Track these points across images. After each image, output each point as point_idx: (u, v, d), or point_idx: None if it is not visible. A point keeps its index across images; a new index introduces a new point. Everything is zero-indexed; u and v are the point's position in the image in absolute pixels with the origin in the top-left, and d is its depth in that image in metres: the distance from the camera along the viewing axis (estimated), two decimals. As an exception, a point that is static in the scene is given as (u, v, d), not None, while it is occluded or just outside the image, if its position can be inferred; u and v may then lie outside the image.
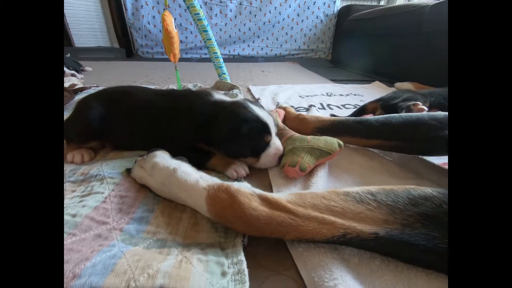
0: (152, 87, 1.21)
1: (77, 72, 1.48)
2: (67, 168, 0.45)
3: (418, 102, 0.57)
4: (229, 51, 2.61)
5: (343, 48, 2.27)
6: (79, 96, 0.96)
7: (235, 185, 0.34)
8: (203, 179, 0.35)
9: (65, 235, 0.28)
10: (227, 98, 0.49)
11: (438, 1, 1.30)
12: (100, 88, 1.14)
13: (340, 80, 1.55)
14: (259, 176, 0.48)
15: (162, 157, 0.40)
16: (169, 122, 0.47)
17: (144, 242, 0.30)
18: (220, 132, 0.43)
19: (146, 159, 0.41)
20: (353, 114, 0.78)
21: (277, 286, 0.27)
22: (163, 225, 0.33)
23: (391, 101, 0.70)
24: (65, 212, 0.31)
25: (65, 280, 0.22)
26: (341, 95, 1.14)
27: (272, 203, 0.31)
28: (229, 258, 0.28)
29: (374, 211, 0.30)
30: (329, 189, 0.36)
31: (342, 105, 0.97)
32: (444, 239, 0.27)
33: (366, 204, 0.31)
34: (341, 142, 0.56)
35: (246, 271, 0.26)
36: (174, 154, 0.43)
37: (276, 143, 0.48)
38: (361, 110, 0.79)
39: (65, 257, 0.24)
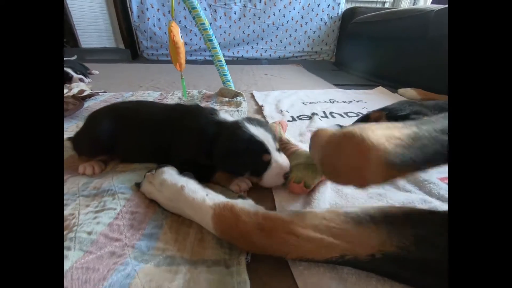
0: (158, 93, 1.23)
1: (85, 76, 1.51)
2: (80, 182, 0.47)
3: None
4: (233, 53, 2.62)
5: (347, 51, 2.27)
6: (87, 104, 0.99)
7: (239, 204, 0.36)
8: (209, 198, 0.37)
9: (82, 253, 0.30)
10: (229, 118, 0.50)
11: (444, 6, 1.30)
12: (108, 94, 1.17)
13: (343, 84, 1.55)
14: (262, 190, 0.49)
15: (170, 174, 0.42)
16: (176, 138, 0.49)
17: (154, 259, 0.32)
18: (219, 152, 0.45)
19: (155, 175, 0.43)
20: (356, 123, 0.79)
21: (279, 304, 0.29)
22: (171, 241, 0.35)
23: (398, 112, 0.70)
24: (81, 229, 0.34)
25: (85, 299, 0.24)
26: (344, 101, 1.15)
27: (275, 222, 0.33)
28: (234, 277, 0.30)
29: (371, 234, 0.32)
30: (330, 208, 0.37)
31: (344, 113, 0.98)
32: (438, 262, 0.29)
33: (364, 226, 0.33)
34: None
35: (250, 292, 0.27)
36: (181, 168, 0.45)
37: (279, 161, 0.46)
38: (365, 119, 0.79)
39: (85, 276, 0.27)
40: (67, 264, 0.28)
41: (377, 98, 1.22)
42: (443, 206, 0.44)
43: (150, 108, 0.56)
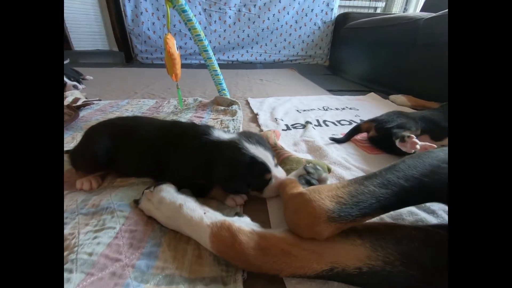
0: (153, 100, 1.24)
1: (78, 82, 1.50)
2: (79, 199, 0.48)
3: (412, 135, 0.61)
4: (228, 57, 2.64)
5: (340, 55, 2.31)
6: (82, 113, 0.99)
7: (236, 223, 0.37)
8: (207, 216, 0.39)
9: (84, 275, 0.31)
10: (225, 136, 0.50)
11: (433, 15, 1.34)
12: (103, 102, 1.17)
13: (336, 90, 1.59)
14: (257, 204, 0.51)
15: (168, 192, 0.43)
16: (172, 158, 0.50)
17: (154, 279, 0.33)
18: (219, 175, 0.46)
19: (153, 193, 0.44)
20: (348, 134, 0.82)
21: (273, 320, 0.31)
22: (170, 259, 0.37)
23: (385, 124, 0.73)
24: (82, 250, 0.35)
25: (90, 323, 0.25)
26: (337, 109, 1.18)
27: (269, 241, 0.35)
28: (231, 295, 0.31)
29: (358, 247, 0.34)
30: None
31: (337, 121, 1.01)
32: (422, 278, 0.31)
33: (351, 240, 0.35)
34: (330, 167, 0.60)
35: (246, 310, 0.29)
36: (177, 185, 0.46)
37: (277, 176, 0.48)
38: (356, 130, 0.82)
39: (87, 300, 0.28)
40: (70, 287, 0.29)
41: (369, 105, 1.25)
42: (430, 218, 0.47)
43: (146, 125, 0.57)
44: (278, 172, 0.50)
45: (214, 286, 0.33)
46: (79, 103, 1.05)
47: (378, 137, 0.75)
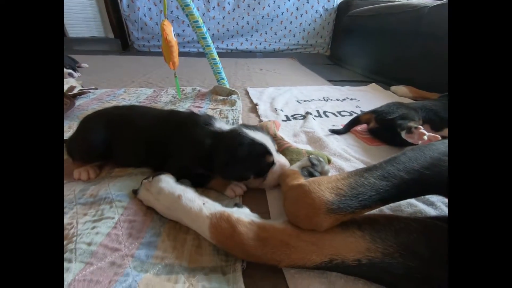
0: (151, 89, 1.21)
1: (74, 70, 1.46)
2: (76, 189, 0.48)
3: (419, 126, 0.60)
4: (227, 45, 2.57)
5: (342, 44, 2.26)
6: (79, 102, 0.97)
7: (235, 214, 0.37)
8: (206, 207, 0.38)
9: (83, 265, 0.31)
10: (226, 127, 0.51)
11: (437, 3, 1.30)
12: (99, 91, 1.14)
13: (337, 80, 1.56)
14: (256, 195, 0.51)
15: (167, 182, 0.43)
16: (171, 148, 0.50)
17: (154, 268, 0.33)
18: (220, 161, 0.45)
19: (152, 183, 0.44)
20: (347, 125, 0.81)
21: (272, 308, 0.31)
22: (169, 249, 0.37)
23: (386, 115, 0.72)
24: (80, 240, 0.35)
25: (90, 312, 0.25)
26: (337, 99, 1.16)
27: (269, 232, 0.34)
28: (230, 284, 0.32)
29: (358, 239, 0.34)
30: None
31: (338, 112, 1.00)
32: (421, 269, 0.31)
33: (351, 232, 0.35)
34: (330, 158, 0.60)
35: (245, 299, 0.29)
36: (176, 175, 0.46)
37: (280, 161, 0.49)
38: (355, 121, 0.82)
39: (87, 289, 0.28)
40: (69, 277, 0.29)
41: (370, 96, 1.24)
42: (428, 209, 0.47)
43: (144, 115, 0.55)
44: (281, 158, 0.50)
45: (213, 276, 0.33)
46: (75, 91, 1.03)
47: (379, 128, 0.74)
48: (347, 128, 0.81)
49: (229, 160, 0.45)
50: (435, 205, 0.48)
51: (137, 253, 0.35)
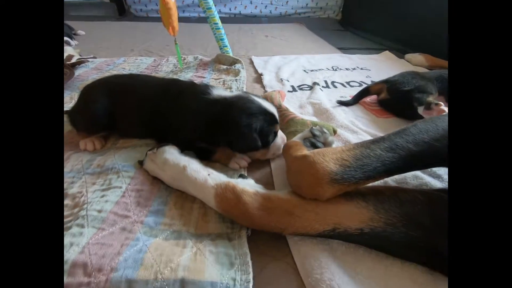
0: (151, 59, 1.16)
1: (70, 38, 1.40)
2: (83, 159, 0.48)
3: (440, 103, 0.56)
4: (230, 9, 2.38)
5: (355, 7, 2.07)
6: (78, 72, 0.94)
7: (240, 184, 0.37)
8: (211, 178, 0.39)
9: (96, 230, 0.33)
10: (227, 94, 0.48)
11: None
12: (98, 60, 1.10)
13: (348, 48, 1.46)
14: (261, 167, 0.51)
15: (172, 153, 0.43)
16: (173, 120, 0.48)
17: (162, 234, 0.35)
18: (232, 133, 0.44)
19: (157, 154, 0.44)
20: (356, 96, 0.78)
21: (276, 271, 0.33)
22: (177, 217, 0.38)
23: (400, 86, 0.68)
24: (91, 207, 0.36)
25: (105, 272, 0.27)
26: (347, 69, 1.10)
27: (273, 203, 0.35)
28: (236, 249, 0.33)
29: (361, 209, 0.34)
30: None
31: (346, 83, 0.95)
32: (423, 238, 0.32)
33: (355, 202, 0.35)
34: (336, 128, 0.59)
35: (250, 263, 0.31)
36: (181, 147, 0.45)
37: (280, 132, 0.49)
38: (364, 92, 0.78)
39: (101, 251, 0.29)
40: (83, 240, 0.31)
41: (383, 65, 1.16)
42: (434, 182, 0.46)
43: (145, 84, 0.53)
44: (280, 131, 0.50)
45: (219, 241, 0.34)
46: (73, 60, 0.99)
47: (390, 99, 0.71)
48: (356, 99, 0.77)
49: (244, 133, 0.43)
50: (442, 178, 0.47)
51: (146, 220, 0.36)
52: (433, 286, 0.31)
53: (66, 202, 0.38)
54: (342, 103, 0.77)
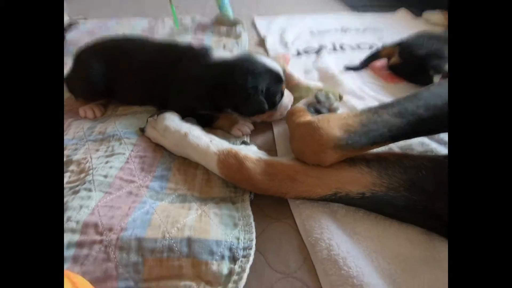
0: (145, 20, 1.08)
1: (57, -3, 1.29)
2: (84, 126, 0.48)
3: None
4: (229, -39, 2.13)
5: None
6: (70, 36, 0.89)
7: (243, 150, 0.37)
8: (213, 144, 0.38)
9: (103, 194, 0.34)
10: (228, 55, 0.46)
11: None
12: (90, 23, 1.03)
13: (360, 6, 1.33)
14: (263, 134, 0.50)
15: (172, 120, 0.42)
16: (171, 86, 0.46)
17: (168, 198, 0.36)
18: (237, 97, 0.42)
19: (157, 121, 0.43)
20: (365, 60, 0.73)
21: (277, 231, 0.35)
22: (181, 182, 0.39)
23: (414, 49, 0.62)
24: (97, 173, 0.36)
25: (115, 231, 0.29)
26: (357, 29, 1.01)
27: (275, 168, 0.35)
28: (239, 211, 0.34)
29: (364, 175, 0.35)
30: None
31: (356, 45, 0.88)
32: (421, 202, 0.32)
33: (358, 168, 0.35)
34: (342, 94, 0.56)
35: (253, 224, 0.32)
36: (180, 114, 0.44)
37: (286, 91, 0.48)
38: (374, 55, 0.72)
39: (110, 213, 0.31)
40: (92, 203, 0.32)
41: (397, 25, 1.07)
42: (440, 148, 0.46)
43: (141, 49, 0.50)
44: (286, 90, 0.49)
45: (223, 204, 0.35)
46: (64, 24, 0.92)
47: (402, 64, 0.66)
48: (365, 64, 0.72)
49: (250, 95, 0.42)
50: (448, 145, 0.46)
51: (151, 185, 0.37)
52: (428, 245, 0.32)
53: (71, 168, 0.39)
54: (349, 68, 0.72)
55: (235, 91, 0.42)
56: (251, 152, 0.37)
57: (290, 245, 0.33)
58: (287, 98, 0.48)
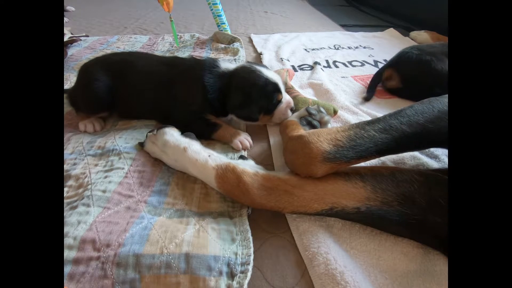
0: (146, 37, 1.11)
1: (60, 14, 1.33)
2: (84, 140, 0.48)
3: None
4: (227, -18, 2.24)
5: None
6: (71, 51, 0.91)
7: (241, 165, 0.38)
8: (212, 159, 0.39)
9: (101, 209, 0.34)
10: (232, 66, 0.50)
11: None
12: (91, 39, 1.06)
13: (351, 25, 1.40)
14: (261, 148, 0.51)
15: (171, 135, 0.43)
16: (176, 94, 0.49)
17: (166, 212, 0.36)
18: (234, 101, 0.47)
19: (157, 136, 0.44)
20: (372, 87, 0.71)
21: (275, 246, 0.35)
22: (179, 196, 0.39)
23: (418, 77, 0.65)
24: (95, 188, 0.37)
25: (113, 247, 0.28)
26: (349, 47, 1.06)
27: (273, 183, 0.36)
28: (237, 226, 0.34)
29: (359, 189, 0.35)
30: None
31: (348, 62, 0.92)
32: (414, 216, 0.33)
33: (353, 183, 0.36)
34: (337, 108, 0.59)
35: (251, 238, 0.32)
36: (181, 125, 0.46)
37: (286, 98, 0.51)
38: (376, 80, 0.72)
39: (108, 228, 0.31)
40: (90, 219, 0.32)
41: (386, 43, 1.12)
42: (431, 162, 0.47)
43: (146, 62, 0.53)
44: (287, 95, 0.52)
45: (221, 219, 0.36)
46: (65, 39, 0.95)
47: (404, 89, 0.68)
48: (372, 90, 0.71)
49: (244, 101, 0.46)
50: (439, 158, 0.48)
51: (149, 200, 0.37)
52: (423, 258, 0.33)
53: (70, 183, 0.39)
54: (366, 99, 0.69)
55: (233, 98, 0.47)
56: (248, 166, 0.38)
57: (288, 260, 0.33)
58: (285, 103, 0.50)
